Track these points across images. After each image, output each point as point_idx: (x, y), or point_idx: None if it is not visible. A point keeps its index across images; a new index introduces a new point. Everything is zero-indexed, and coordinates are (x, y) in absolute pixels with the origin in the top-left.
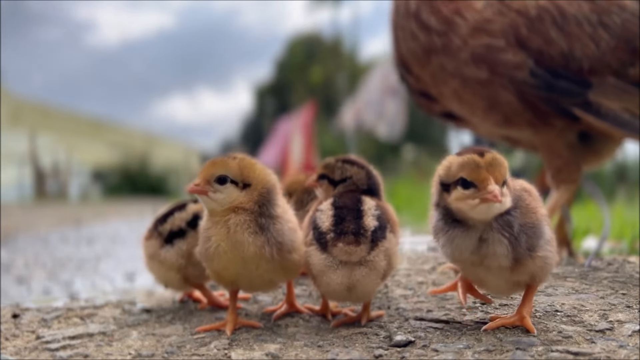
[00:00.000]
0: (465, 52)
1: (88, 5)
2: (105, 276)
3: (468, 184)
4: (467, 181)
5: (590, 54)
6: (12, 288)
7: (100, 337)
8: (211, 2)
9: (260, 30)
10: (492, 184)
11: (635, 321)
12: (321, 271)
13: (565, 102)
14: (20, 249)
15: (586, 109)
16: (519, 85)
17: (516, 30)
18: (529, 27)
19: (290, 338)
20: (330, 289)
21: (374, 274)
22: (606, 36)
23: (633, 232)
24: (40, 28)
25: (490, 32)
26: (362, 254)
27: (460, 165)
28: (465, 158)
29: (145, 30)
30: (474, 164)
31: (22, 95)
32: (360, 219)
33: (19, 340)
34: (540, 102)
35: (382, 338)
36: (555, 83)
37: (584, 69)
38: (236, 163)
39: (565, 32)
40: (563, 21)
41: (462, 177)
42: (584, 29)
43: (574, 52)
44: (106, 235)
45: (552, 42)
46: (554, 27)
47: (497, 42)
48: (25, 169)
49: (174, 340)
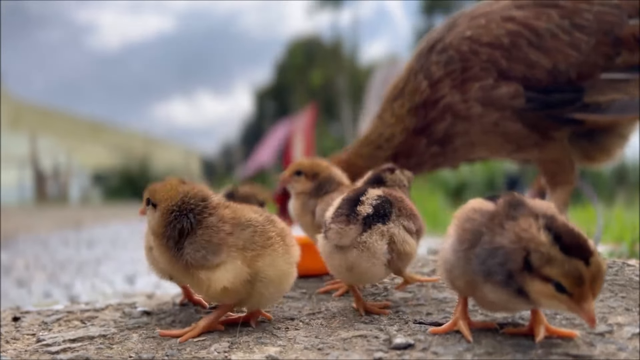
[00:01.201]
0: (474, 107)
1: (89, 7)
2: (106, 279)
3: (564, 288)
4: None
5: (574, 61)
6: (13, 291)
7: (101, 340)
8: (211, 4)
9: (261, 33)
10: (591, 303)
11: (634, 324)
12: (325, 256)
13: (565, 111)
14: (20, 251)
15: (586, 111)
16: (520, 113)
17: (496, 64)
18: (507, 57)
19: (290, 341)
20: (335, 271)
21: (367, 255)
22: (584, 37)
23: (633, 235)
24: (41, 30)
25: (473, 77)
26: (352, 235)
27: (562, 270)
28: (571, 265)
29: (145, 32)
30: (578, 275)
31: (23, 98)
32: (356, 206)
33: (20, 343)
34: (540, 121)
35: (382, 341)
36: (549, 99)
37: (572, 78)
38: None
39: (544, 49)
40: (538, 40)
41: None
42: (560, 39)
43: (558, 67)
44: (106, 237)
45: (535, 64)
46: (531, 49)
47: (485, 82)
48: (25, 171)
49: (174, 343)
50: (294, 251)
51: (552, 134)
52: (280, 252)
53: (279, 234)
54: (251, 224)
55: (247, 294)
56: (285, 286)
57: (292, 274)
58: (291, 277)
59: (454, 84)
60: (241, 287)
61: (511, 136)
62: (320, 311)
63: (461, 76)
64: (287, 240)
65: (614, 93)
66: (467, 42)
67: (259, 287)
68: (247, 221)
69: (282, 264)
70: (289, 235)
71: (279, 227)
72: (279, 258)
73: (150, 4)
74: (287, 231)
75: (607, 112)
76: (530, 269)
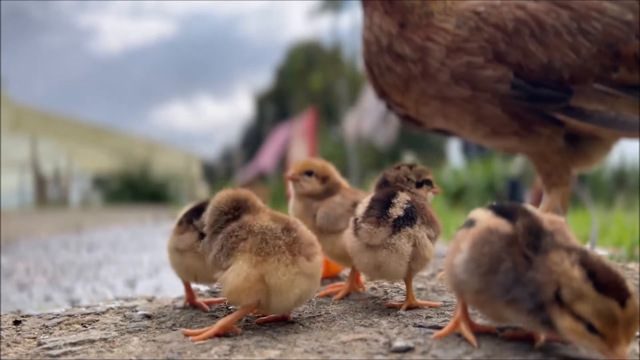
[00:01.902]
0: (444, 73)
1: (91, 12)
2: (106, 282)
3: (595, 329)
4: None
5: (570, 63)
6: (13, 294)
7: (101, 344)
8: (212, 9)
9: (261, 38)
10: (624, 347)
11: None
12: (354, 252)
13: (548, 108)
14: (21, 255)
15: (568, 114)
16: (502, 98)
17: (494, 46)
18: (507, 42)
19: (290, 344)
20: (362, 268)
21: (395, 256)
22: (587, 43)
23: (632, 239)
24: (43, 34)
25: (468, 50)
26: (383, 236)
27: (594, 309)
28: (604, 304)
29: (146, 37)
30: (611, 316)
31: (24, 102)
32: (387, 208)
33: (20, 346)
34: (524, 112)
35: (381, 344)
36: (536, 92)
37: (564, 78)
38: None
39: (544, 44)
40: (541, 33)
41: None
42: (563, 39)
43: (553, 64)
44: (107, 241)
45: (531, 55)
46: (532, 40)
47: (476, 60)
48: (26, 175)
49: (174, 347)
50: (301, 262)
51: (535, 128)
52: (284, 262)
53: (288, 243)
54: (262, 230)
55: (254, 300)
56: (284, 296)
57: (297, 285)
58: (295, 287)
59: (442, 50)
60: (248, 292)
61: (486, 119)
62: (320, 314)
63: (451, 46)
64: (297, 249)
65: (599, 104)
66: (475, 17)
67: (265, 294)
68: (260, 228)
69: (283, 274)
70: (304, 245)
71: (292, 237)
72: (282, 267)
73: (152, 8)
74: (304, 241)
75: (589, 121)
76: (561, 303)
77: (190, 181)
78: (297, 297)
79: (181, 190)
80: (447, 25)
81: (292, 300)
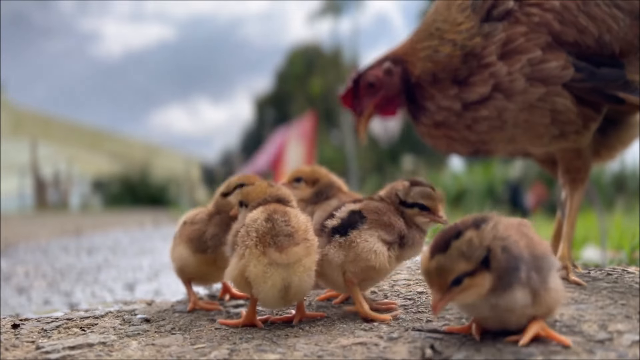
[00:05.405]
0: (518, 81)
1: (92, 16)
2: (105, 286)
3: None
4: None
5: (615, 34)
6: (12, 298)
7: (100, 348)
8: (212, 14)
9: (261, 42)
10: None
11: (634, 331)
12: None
13: (610, 87)
14: (20, 259)
15: (628, 90)
16: (570, 87)
17: (549, 27)
18: (560, 20)
19: (290, 348)
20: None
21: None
22: (620, 15)
23: (632, 242)
24: (44, 39)
25: (521, 49)
26: (321, 247)
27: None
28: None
29: (147, 41)
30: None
31: (24, 106)
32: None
33: (19, 350)
34: (589, 95)
35: (381, 348)
36: (598, 71)
37: (615, 52)
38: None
39: (591, 16)
40: (585, 5)
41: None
42: (603, 10)
43: (603, 36)
44: (106, 245)
45: (585, 29)
46: (581, 14)
47: (533, 55)
48: (26, 178)
49: (173, 351)
50: (271, 253)
51: (589, 124)
52: (255, 254)
53: (260, 235)
54: (247, 223)
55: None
56: (260, 287)
57: (268, 277)
58: (266, 279)
59: (499, 53)
60: (241, 283)
61: (559, 114)
62: (320, 318)
63: (507, 48)
64: (270, 241)
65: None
66: (518, 11)
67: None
68: (248, 220)
69: (255, 265)
70: (279, 237)
71: (267, 228)
72: (253, 259)
73: (152, 13)
74: (280, 232)
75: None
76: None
77: (190, 185)
78: (278, 289)
79: (181, 194)
80: (479, 40)
81: (274, 292)
